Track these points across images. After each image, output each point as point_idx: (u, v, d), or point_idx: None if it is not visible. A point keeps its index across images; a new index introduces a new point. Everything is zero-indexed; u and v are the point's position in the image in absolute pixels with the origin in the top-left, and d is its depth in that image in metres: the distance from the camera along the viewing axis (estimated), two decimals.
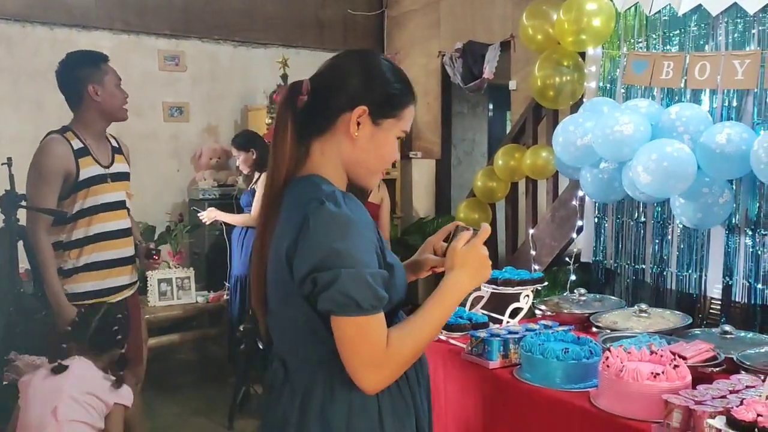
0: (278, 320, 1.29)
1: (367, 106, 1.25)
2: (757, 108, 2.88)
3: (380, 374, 1.19)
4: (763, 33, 2.86)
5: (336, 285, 1.13)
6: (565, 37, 3.41)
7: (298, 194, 1.23)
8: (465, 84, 5.43)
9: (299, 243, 1.16)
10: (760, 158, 2.64)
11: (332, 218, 1.16)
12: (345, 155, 1.27)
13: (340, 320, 1.16)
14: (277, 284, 1.25)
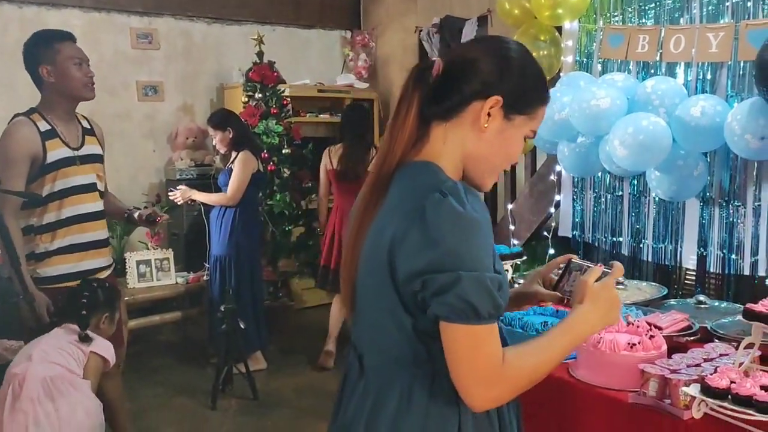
0: (363, 313, 1.20)
1: (502, 98, 1.15)
2: (730, 80, 2.91)
3: (493, 391, 1.08)
4: (736, 6, 2.87)
5: (455, 289, 1.02)
6: (541, 12, 3.40)
7: (414, 180, 1.13)
8: None
9: (410, 236, 1.06)
10: (733, 130, 2.68)
11: (456, 215, 1.04)
12: (468, 147, 1.17)
13: (455, 328, 1.05)
14: (369, 275, 1.15)
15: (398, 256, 1.07)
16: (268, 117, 4.81)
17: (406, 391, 1.13)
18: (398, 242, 1.07)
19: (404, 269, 1.07)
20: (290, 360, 4.39)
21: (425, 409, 1.12)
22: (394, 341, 1.13)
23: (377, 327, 1.16)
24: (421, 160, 1.16)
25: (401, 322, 1.12)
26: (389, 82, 6.22)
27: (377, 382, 1.16)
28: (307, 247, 4.97)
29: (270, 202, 4.78)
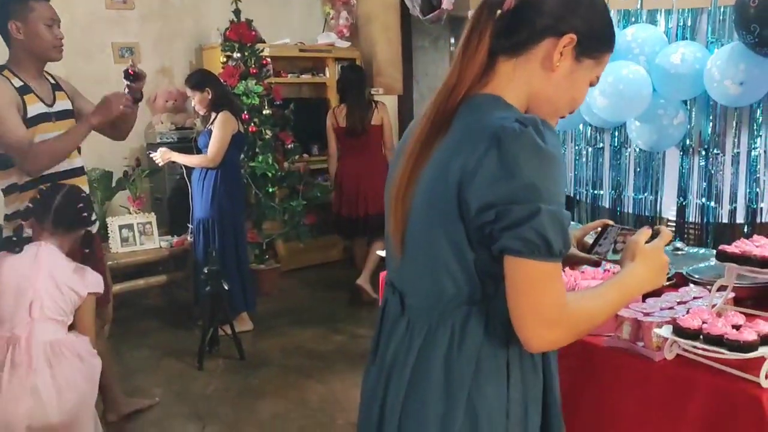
0: (414, 249, 1.14)
1: (576, 37, 1.10)
2: (711, 26, 2.88)
3: (554, 333, 1.03)
4: None
5: (532, 222, 0.98)
6: None
7: (484, 112, 1.08)
8: (424, 15, 5.31)
9: (485, 165, 1.00)
10: (713, 77, 2.66)
11: (536, 147, 0.99)
12: (535, 86, 1.12)
13: (525, 263, 1.00)
14: (429, 208, 1.09)
15: (470, 187, 1.02)
16: (247, 77, 4.72)
17: (458, 330, 1.09)
18: (470, 173, 1.02)
19: (477, 199, 1.01)
20: (277, 321, 4.41)
21: (478, 349, 1.09)
22: (450, 279, 1.09)
23: (430, 265, 1.10)
24: (489, 93, 1.11)
25: (463, 258, 1.07)
26: (371, 40, 6.12)
27: (424, 322, 1.12)
28: (291, 209, 4.95)
29: (252, 164, 4.74)
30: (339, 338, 4.11)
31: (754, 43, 2.46)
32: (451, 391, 1.08)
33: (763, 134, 2.77)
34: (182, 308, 4.57)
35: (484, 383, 1.09)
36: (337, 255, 5.91)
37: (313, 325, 4.33)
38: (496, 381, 1.10)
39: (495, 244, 1.02)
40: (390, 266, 1.24)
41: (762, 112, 2.77)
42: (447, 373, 1.09)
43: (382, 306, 1.25)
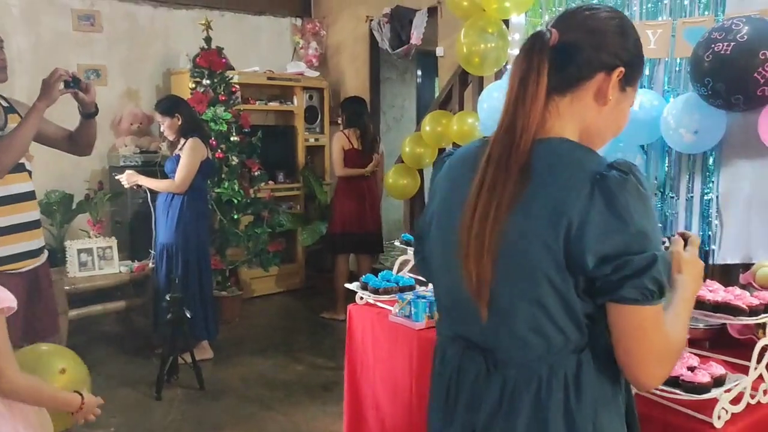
0: (507, 304, 1.08)
1: (626, 69, 1.11)
2: (667, 77, 3.02)
3: (665, 369, 1.06)
4: (674, 3, 2.98)
5: (651, 270, 0.99)
6: (489, 5, 3.45)
7: (565, 158, 1.06)
8: (393, 50, 5.43)
9: (593, 218, 0.99)
10: (669, 124, 2.79)
11: (639, 193, 1.00)
12: (588, 120, 1.12)
13: (641, 310, 1.01)
14: (527, 263, 1.05)
15: (582, 240, 1.00)
16: (216, 104, 4.74)
17: (572, 380, 1.08)
18: (579, 226, 1.00)
19: (593, 253, 1.00)
20: (238, 350, 4.37)
21: (595, 395, 1.09)
22: (557, 330, 1.06)
23: (533, 317, 1.07)
24: (558, 137, 1.10)
25: (570, 309, 1.05)
26: (340, 70, 6.21)
27: (531, 376, 1.09)
28: (256, 236, 4.94)
29: (218, 190, 4.73)
30: (300, 368, 4.09)
31: (707, 94, 2.59)
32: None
33: (715, 180, 2.91)
34: (141, 335, 4.48)
35: (608, 426, 1.10)
36: (299, 283, 5.90)
37: (273, 354, 4.30)
38: (618, 422, 1.13)
39: (610, 295, 1.01)
40: (457, 322, 1.19)
41: (714, 160, 2.90)
42: (568, 423, 1.08)
43: (444, 368, 1.21)
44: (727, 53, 2.48)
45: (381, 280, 2.52)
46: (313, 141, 6.00)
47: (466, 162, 1.18)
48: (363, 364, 2.44)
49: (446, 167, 1.24)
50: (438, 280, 1.24)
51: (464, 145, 1.27)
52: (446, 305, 1.23)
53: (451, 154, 1.27)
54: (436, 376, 1.25)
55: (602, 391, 1.10)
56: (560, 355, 1.08)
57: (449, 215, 1.16)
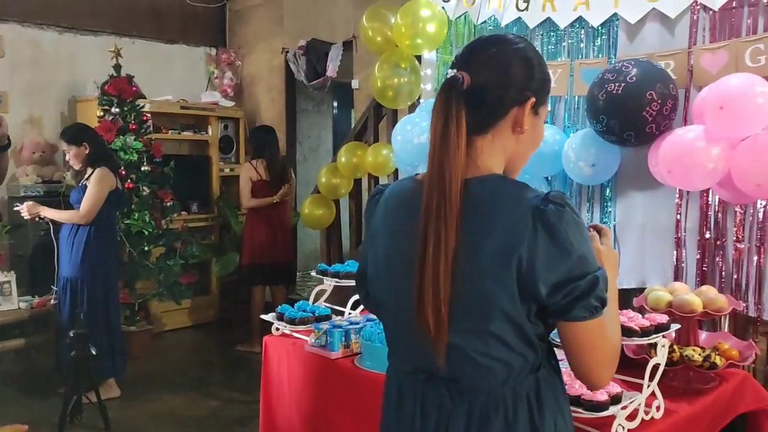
0: (470, 340, 1.13)
1: (537, 97, 1.17)
2: (567, 113, 3.23)
3: (613, 368, 1.17)
4: (571, 45, 3.20)
5: (595, 290, 1.08)
6: (402, 41, 3.57)
7: (501, 196, 1.12)
8: (309, 81, 5.49)
9: (540, 250, 1.07)
10: (569, 158, 2.97)
11: (576, 222, 1.09)
12: (510, 150, 1.19)
13: (589, 324, 1.10)
14: (487, 298, 1.10)
15: (533, 272, 1.07)
16: (126, 133, 4.61)
17: (534, 398, 1.15)
18: (528, 260, 1.07)
19: (545, 283, 1.07)
20: (147, 387, 4.20)
21: (554, 408, 1.17)
22: (514, 354, 1.13)
23: (491, 347, 1.12)
24: (490, 175, 1.16)
25: (524, 334, 1.12)
26: (256, 101, 6.20)
27: (497, 399, 1.14)
28: (168, 268, 4.80)
29: (127, 222, 4.58)
30: (213, 403, 3.98)
31: (602, 131, 2.79)
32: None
33: (612, 210, 3.11)
34: (42, 374, 4.23)
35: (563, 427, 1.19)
36: (213, 316, 5.76)
37: (185, 390, 4.17)
38: (570, 427, 1.22)
39: (562, 316, 1.10)
40: (417, 357, 1.20)
41: (611, 191, 3.11)
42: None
43: (403, 402, 1.23)
44: (618, 93, 2.68)
45: (297, 311, 2.52)
46: (228, 171, 5.93)
47: (401, 204, 1.22)
48: (279, 396, 2.42)
49: (382, 208, 1.26)
50: (390, 319, 1.26)
51: (395, 183, 1.30)
52: (402, 342, 1.25)
53: (382, 191, 1.30)
54: (391, 409, 1.27)
55: (557, 403, 1.19)
56: (521, 377, 1.15)
57: (396, 261, 1.20)
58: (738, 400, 1.95)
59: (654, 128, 2.70)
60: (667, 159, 2.61)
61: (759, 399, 2.01)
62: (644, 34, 2.97)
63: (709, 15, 2.79)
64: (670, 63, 2.83)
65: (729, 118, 2.38)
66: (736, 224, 2.76)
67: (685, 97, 2.81)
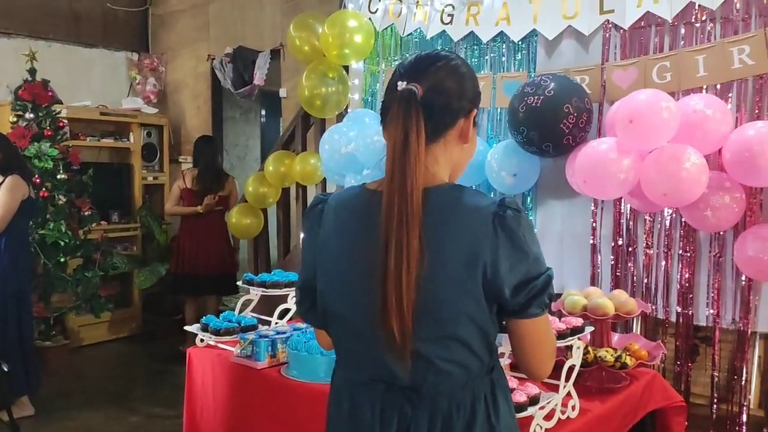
0: (435, 347, 1.16)
1: (475, 108, 1.26)
2: (490, 124, 3.33)
3: (554, 360, 1.26)
4: (494, 59, 3.31)
5: (548, 288, 1.17)
6: (330, 51, 3.60)
7: (462, 204, 1.16)
8: (236, 89, 5.42)
9: (501, 254, 1.13)
10: (492, 167, 3.07)
11: (529, 225, 1.18)
12: (455, 158, 1.25)
13: (540, 320, 1.19)
14: (452, 303, 1.14)
15: (498, 276, 1.13)
16: (41, 139, 4.42)
17: (490, 399, 1.22)
18: (492, 264, 1.13)
19: (508, 285, 1.14)
20: (64, 404, 4.01)
21: (503, 403, 1.25)
22: (473, 356, 1.18)
23: (455, 352, 1.17)
24: (446, 184, 1.21)
25: (485, 335, 1.18)
26: (180, 108, 6.07)
27: (460, 402, 1.19)
28: (86, 280, 4.62)
29: (42, 232, 4.38)
30: (134, 419, 3.85)
31: (523, 142, 2.90)
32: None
33: (532, 218, 3.22)
34: None
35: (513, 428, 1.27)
36: (135, 329, 5.57)
37: (105, 406, 4.01)
38: (515, 423, 1.30)
39: (521, 314, 1.17)
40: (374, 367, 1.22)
41: (532, 200, 3.23)
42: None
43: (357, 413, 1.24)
44: (537, 105, 2.80)
45: (222, 321, 2.48)
46: (152, 179, 5.77)
47: (354, 215, 1.23)
48: (203, 409, 2.37)
49: (331, 219, 1.26)
50: (344, 330, 1.26)
51: (340, 193, 1.30)
52: (357, 351, 1.25)
53: (325, 200, 1.29)
54: (345, 419, 1.27)
55: (506, 401, 1.27)
56: (479, 379, 1.21)
57: (353, 273, 1.21)
58: (647, 398, 2.06)
59: (570, 140, 2.83)
60: (582, 169, 2.73)
61: (667, 397, 2.13)
62: (561, 49, 3.11)
63: (620, 33, 2.95)
64: (585, 78, 2.97)
65: (638, 131, 2.52)
66: (645, 231, 2.92)
67: (599, 111, 2.96)
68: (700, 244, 2.81)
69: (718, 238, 2.75)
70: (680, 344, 2.88)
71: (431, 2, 3.40)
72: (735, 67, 2.61)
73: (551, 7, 3.07)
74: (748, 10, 2.66)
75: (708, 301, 2.77)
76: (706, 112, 2.52)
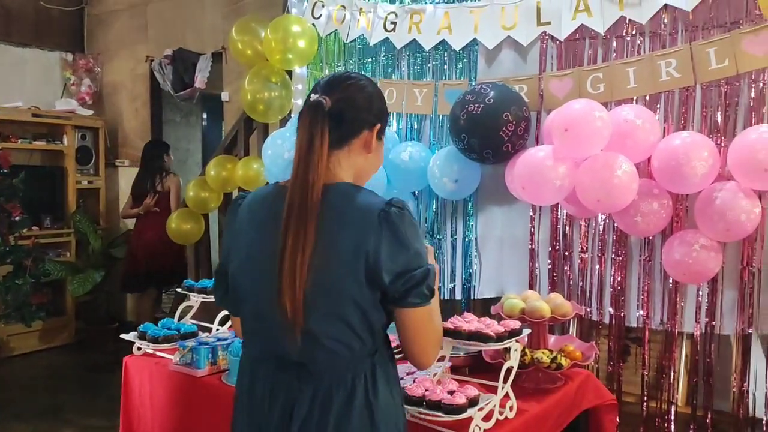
0: (317, 322, 1.29)
1: (381, 124, 1.43)
2: (432, 130, 3.38)
3: (437, 350, 1.38)
4: (436, 67, 3.37)
5: (427, 280, 1.29)
6: (273, 55, 3.58)
7: (354, 200, 1.32)
8: (176, 92, 5.32)
9: (384, 245, 1.27)
10: (434, 173, 3.12)
11: (413, 223, 1.31)
12: (358, 166, 1.41)
13: (422, 310, 1.31)
14: (334, 284, 1.28)
15: (378, 263, 1.26)
16: None
17: (370, 378, 1.34)
18: (374, 252, 1.27)
19: (388, 272, 1.27)
20: None
21: (387, 386, 1.36)
22: (357, 338, 1.31)
23: (340, 329, 1.30)
24: (344, 183, 1.37)
25: (367, 320, 1.31)
26: (118, 110, 5.91)
27: (341, 379, 1.32)
28: (16, 288, 4.43)
29: None
30: (68, 431, 3.72)
31: (464, 148, 2.96)
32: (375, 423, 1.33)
33: (474, 223, 3.29)
34: None
35: (393, 413, 1.38)
36: (69, 338, 5.38)
37: (35, 419, 3.86)
38: (400, 411, 1.42)
39: (401, 302, 1.30)
40: (270, 343, 1.36)
41: (473, 205, 3.29)
42: (370, 415, 1.33)
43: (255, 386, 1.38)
44: (478, 113, 2.86)
45: (161, 329, 2.43)
46: (87, 183, 5.59)
47: (265, 206, 1.39)
48: (140, 419, 2.31)
49: (246, 210, 1.42)
50: (249, 309, 1.40)
51: (258, 189, 1.47)
52: (258, 330, 1.39)
53: (244, 197, 1.46)
54: (244, 393, 1.42)
55: (387, 384, 1.38)
56: (361, 360, 1.34)
57: (259, 255, 1.36)
58: (581, 397, 2.12)
59: (510, 147, 2.90)
60: (521, 176, 2.81)
61: (599, 396, 2.20)
62: (501, 59, 3.19)
63: (556, 45, 3.05)
64: (523, 87, 3.06)
65: (573, 139, 2.61)
66: (581, 236, 3.03)
67: (537, 119, 3.05)
68: (631, 249, 2.93)
69: (647, 242, 2.88)
70: (613, 345, 2.99)
71: (374, 9, 3.43)
72: (663, 79, 2.74)
73: (491, 18, 3.15)
74: (674, 26, 2.80)
75: (638, 303, 2.89)
76: (636, 122, 2.64)
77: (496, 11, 3.13)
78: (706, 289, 2.76)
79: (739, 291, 2.69)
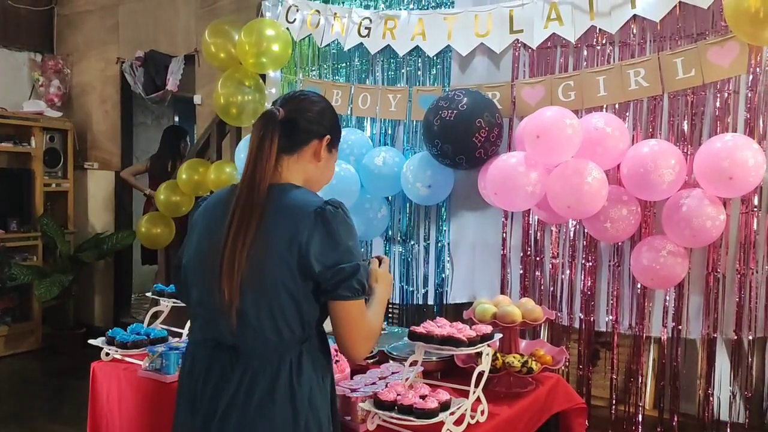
0: (253, 308, 1.39)
1: (331, 137, 1.56)
2: (406, 136, 3.40)
3: (368, 345, 1.47)
4: (410, 73, 3.39)
5: (357, 275, 1.39)
6: (246, 59, 3.56)
7: (295, 198, 1.44)
8: (147, 94, 5.25)
9: (316, 239, 1.38)
10: (407, 179, 3.13)
11: (347, 222, 1.42)
12: (308, 173, 1.54)
13: (353, 304, 1.41)
14: (269, 274, 1.38)
15: (309, 256, 1.37)
16: None
17: (295, 364, 1.42)
18: (306, 245, 1.38)
19: (318, 264, 1.38)
20: None
21: (310, 375, 1.44)
22: (287, 326, 1.41)
23: (272, 316, 1.40)
24: (288, 183, 1.49)
25: (299, 309, 1.41)
26: (87, 112, 5.81)
27: (267, 363, 1.41)
28: None
29: None
30: None
31: (437, 154, 2.97)
32: (296, 407, 1.41)
33: (446, 229, 3.31)
34: None
35: (319, 402, 1.46)
36: (35, 343, 5.26)
37: (1, 426, 3.77)
38: (325, 400, 1.49)
39: (332, 294, 1.39)
40: (210, 328, 1.47)
41: (446, 210, 3.31)
42: (291, 399, 1.41)
43: (194, 367, 1.49)
44: (451, 119, 2.88)
45: (130, 334, 2.40)
46: (55, 186, 5.48)
47: (219, 203, 1.51)
48: (109, 425, 2.27)
49: (203, 208, 1.57)
50: (194, 295, 1.52)
51: (218, 191, 1.61)
52: (201, 315, 1.51)
53: (206, 199, 1.61)
54: (185, 375, 1.53)
55: (315, 374, 1.46)
56: (289, 346, 1.43)
57: (207, 245, 1.47)
58: (551, 400, 2.15)
59: (482, 153, 2.93)
60: (493, 182, 2.83)
61: (569, 399, 2.23)
62: (474, 65, 3.22)
63: (528, 52, 3.09)
64: (496, 94, 3.09)
65: (544, 146, 2.65)
66: (552, 242, 3.06)
67: (509, 126, 3.08)
68: (601, 254, 2.97)
69: (617, 248, 2.92)
70: (583, 349, 3.03)
71: (349, 15, 3.44)
72: (632, 88, 2.80)
73: (464, 25, 3.18)
74: (643, 36, 2.85)
75: (608, 308, 2.94)
76: (606, 129, 2.68)
77: (470, 18, 3.16)
78: (673, 294, 2.81)
79: (705, 296, 2.75)
